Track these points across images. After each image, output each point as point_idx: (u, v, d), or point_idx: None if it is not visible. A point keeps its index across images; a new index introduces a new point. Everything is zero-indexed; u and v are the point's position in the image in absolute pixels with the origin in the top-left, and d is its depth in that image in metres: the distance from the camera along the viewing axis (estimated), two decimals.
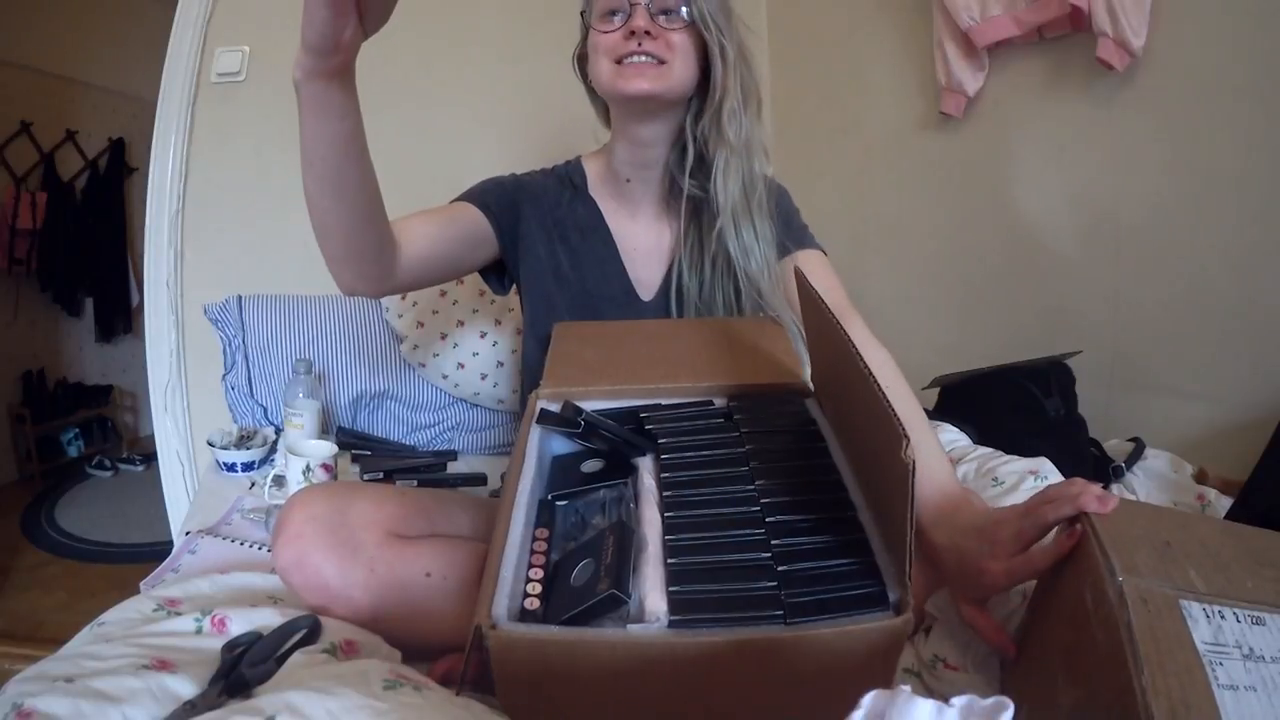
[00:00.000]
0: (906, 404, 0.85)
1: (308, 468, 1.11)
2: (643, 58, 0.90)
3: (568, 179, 1.06)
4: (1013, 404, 1.28)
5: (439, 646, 0.72)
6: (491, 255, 1.03)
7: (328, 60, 0.63)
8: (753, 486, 0.61)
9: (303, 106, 0.68)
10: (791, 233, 1.03)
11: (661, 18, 0.90)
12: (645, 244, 1.04)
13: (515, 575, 0.55)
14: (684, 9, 0.90)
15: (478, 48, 1.83)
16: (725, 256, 0.96)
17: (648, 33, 0.89)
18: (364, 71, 0.71)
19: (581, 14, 0.97)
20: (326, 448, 1.16)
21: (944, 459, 0.78)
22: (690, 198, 0.98)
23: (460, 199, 1.01)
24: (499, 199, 1.01)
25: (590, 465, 0.70)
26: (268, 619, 0.68)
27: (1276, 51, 1.09)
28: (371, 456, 1.41)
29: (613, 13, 0.91)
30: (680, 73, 0.91)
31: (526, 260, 1.03)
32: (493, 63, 1.83)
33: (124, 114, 3.72)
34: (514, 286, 1.08)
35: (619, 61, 0.91)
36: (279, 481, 1.17)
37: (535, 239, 1.02)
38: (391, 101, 1.78)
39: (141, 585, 0.93)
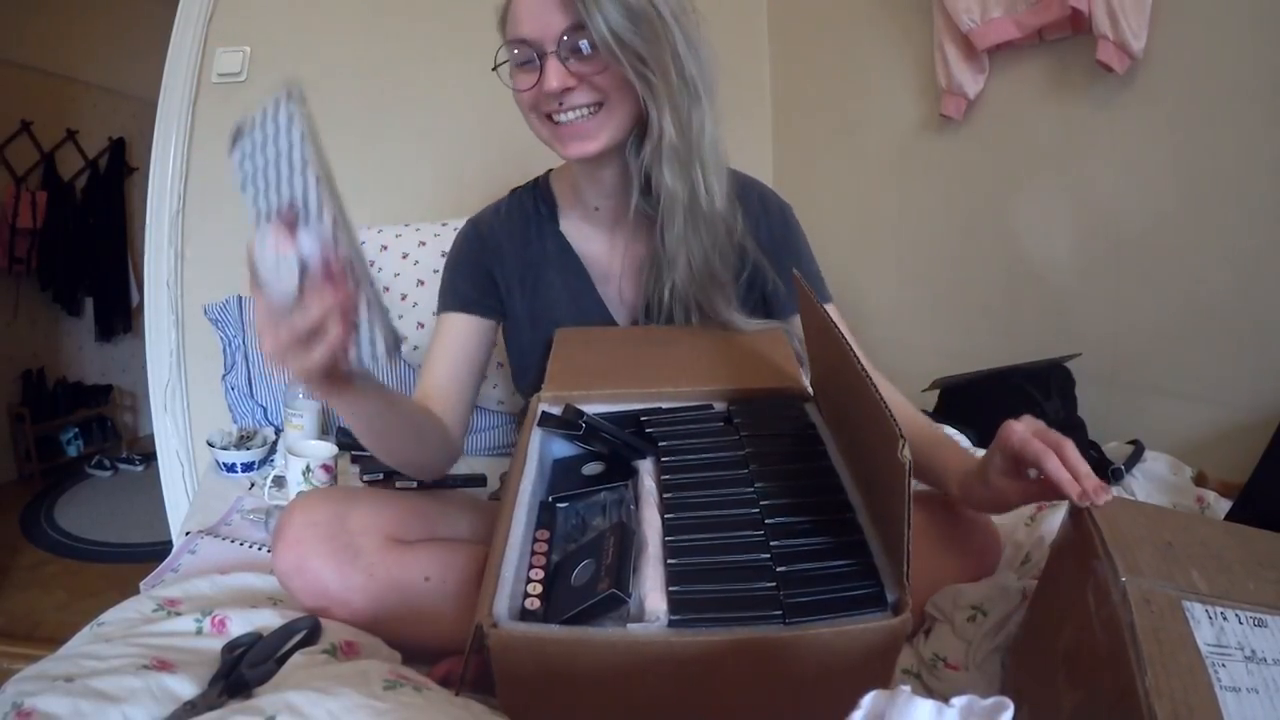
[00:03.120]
0: (907, 414, 0.85)
1: (308, 468, 1.11)
2: (571, 114, 0.81)
3: (534, 209, 0.99)
4: (1013, 406, 1.27)
5: (438, 650, 0.72)
6: (496, 333, 0.99)
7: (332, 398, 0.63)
8: (752, 489, 0.61)
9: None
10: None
11: (576, 61, 0.79)
12: (617, 266, 0.98)
13: (516, 575, 0.55)
14: (586, 43, 0.77)
15: (477, 54, 1.83)
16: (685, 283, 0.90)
17: (567, 89, 0.79)
18: (367, 75, 0.71)
19: (494, 68, 0.86)
20: (326, 448, 1.16)
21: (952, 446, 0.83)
22: (646, 217, 0.90)
23: (444, 309, 0.96)
24: (474, 282, 0.96)
25: (591, 468, 0.70)
26: (268, 620, 0.68)
27: (1277, 53, 1.09)
28: (371, 457, 1.41)
29: (525, 61, 0.81)
30: (619, 115, 0.82)
31: (507, 318, 0.99)
32: (489, 67, 1.83)
33: (124, 114, 3.72)
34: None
35: (550, 118, 0.82)
36: (279, 482, 1.17)
37: (510, 292, 0.97)
38: (392, 104, 1.79)
39: (141, 585, 0.93)
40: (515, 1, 0.81)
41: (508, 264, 0.97)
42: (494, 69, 0.85)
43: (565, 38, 0.77)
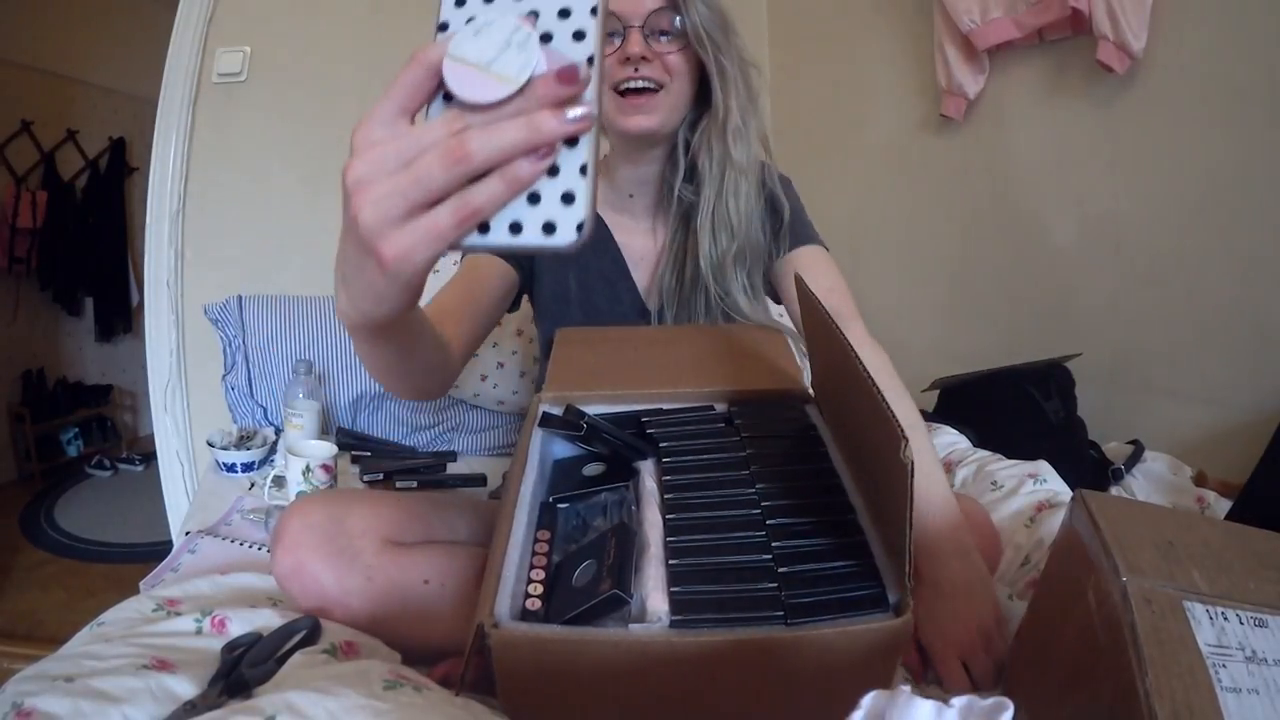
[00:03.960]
0: (902, 406, 0.86)
1: (307, 468, 1.11)
2: (640, 82, 0.89)
3: None
4: (1013, 406, 1.28)
5: (437, 652, 0.72)
6: (515, 294, 1.02)
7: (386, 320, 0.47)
8: (753, 490, 0.61)
9: (351, 336, 0.55)
10: (791, 229, 1.02)
11: (658, 38, 0.88)
12: (646, 250, 1.05)
13: (517, 576, 0.55)
14: (678, 20, 0.88)
15: None
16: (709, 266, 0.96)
17: (644, 58, 0.87)
18: (368, 75, 0.71)
19: None
20: (326, 448, 1.16)
21: (937, 475, 0.82)
22: (680, 201, 0.98)
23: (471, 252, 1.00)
24: None
25: (592, 469, 0.70)
26: (268, 620, 0.68)
27: (1277, 54, 1.09)
28: (371, 457, 1.41)
29: (608, 34, 0.89)
30: (677, 97, 0.91)
31: (540, 289, 1.04)
32: None
33: (124, 114, 3.72)
34: (523, 299, 1.08)
35: (618, 90, 0.89)
36: (279, 482, 1.17)
37: (548, 265, 1.02)
38: None
39: (141, 585, 0.93)
40: None
41: None
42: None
43: (651, 17, 0.87)
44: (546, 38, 0.38)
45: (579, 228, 0.37)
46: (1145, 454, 1.17)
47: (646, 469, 0.67)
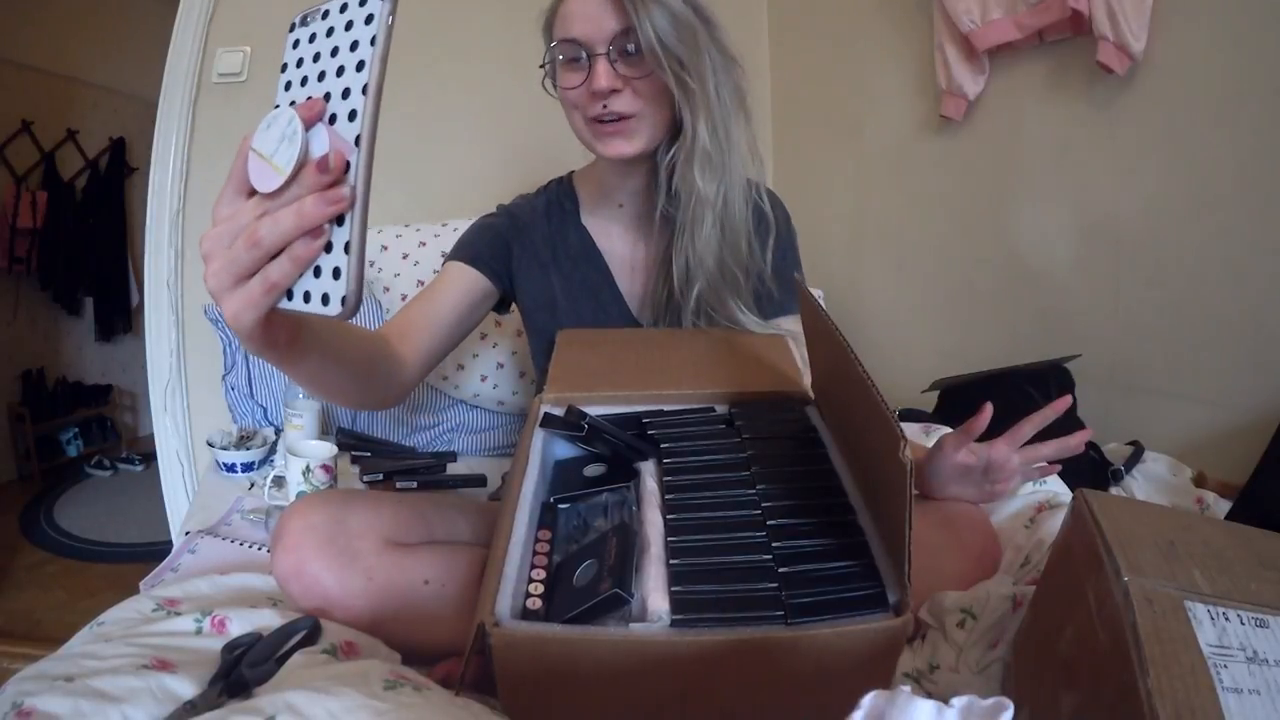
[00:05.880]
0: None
1: (307, 469, 1.10)
2: (611, 115, 0.86)
3: (558, 203, 1.05)
4: (1012, 407, 1.27)
5: (438, 652, 0.72)
6: (495, 301, 1.03)
7: (271, 359, 0.56)
8: (754, 491, 0.61)
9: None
10: (785, 288, 0.99)
11: (626, 62, 0.84)
12: (637, 258, 1.03)
13: (518, 575, 0.55)
14: (634, 46, 0.82)
15: (477, 55, 1.83)
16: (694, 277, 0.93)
17: (614, 90, 0.84)
18: None
19: (547, 40, 0.92)
20: (326, 449, 1.16)
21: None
22: (668, 215, 0.95)
23: (452, 257, 1.00)
24: (490, 244, 1.01)
25: (592, 469, 0.70)
26: (268, 620, 0.68)
27: (1277, 55, 1.09)
28: (371, 458, 1.41)
29: (574, 59, 0.86)
30: (654, 119, 0.88)
31: (523, 297, 1.04)
32: (493, 70, 1.82)
33: (124, 114, 3.72)
34: (513, 303, 1.08)
35: (592, 118, 0.87)
36: (279, 482, 1.17)
37: (529, 274, 1.02)
38: (392, 105, 1.78)
39: (141, 585, 0.93)
40: (566, 4, 0.86)
41: (532, 245, 1.02)
42: (542, 67, 0.91)
43: (615, 40, 0.83)
44: (333, 119, 0.43)
45: (343, 300, 0.42)
46: (1145, 455, 1.17)
47: (647, 469, 0.67)
